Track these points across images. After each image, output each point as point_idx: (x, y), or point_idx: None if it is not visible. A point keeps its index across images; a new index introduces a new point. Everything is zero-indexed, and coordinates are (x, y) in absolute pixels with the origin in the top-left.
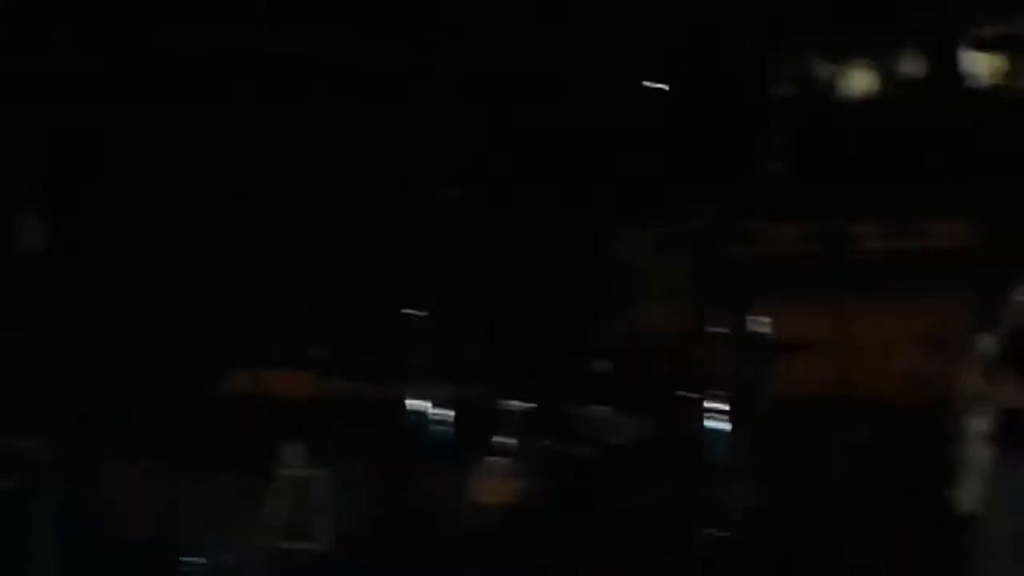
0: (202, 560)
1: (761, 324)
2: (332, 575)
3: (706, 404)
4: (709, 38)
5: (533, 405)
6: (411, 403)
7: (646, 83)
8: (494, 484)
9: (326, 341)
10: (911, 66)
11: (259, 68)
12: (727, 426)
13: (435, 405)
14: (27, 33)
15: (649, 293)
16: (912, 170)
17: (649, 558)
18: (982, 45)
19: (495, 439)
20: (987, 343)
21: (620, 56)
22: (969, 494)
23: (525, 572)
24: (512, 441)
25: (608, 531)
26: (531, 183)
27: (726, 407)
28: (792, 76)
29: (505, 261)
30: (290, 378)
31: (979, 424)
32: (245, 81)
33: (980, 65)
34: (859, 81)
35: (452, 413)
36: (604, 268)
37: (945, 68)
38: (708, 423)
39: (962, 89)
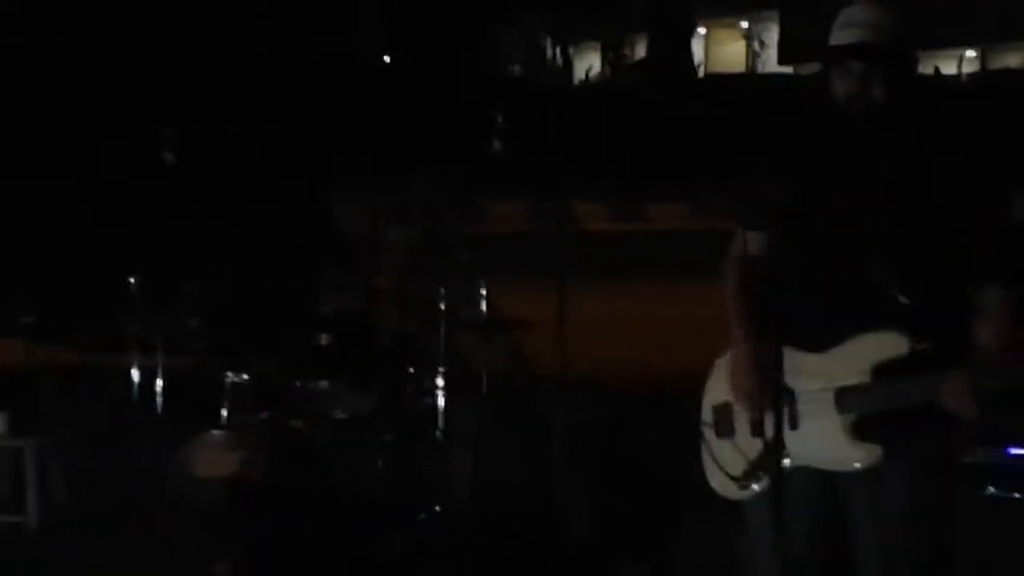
0: None
1: (482, 301)
2: (41, 549)
3: (427, 380)
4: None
5: (253, 377)
6: (126, 372)
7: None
8: (212, 457)
9: (35, 307)
10: (639, 51)
11: None
12: (447, 402)
13: (151, 375)
14: None
15: (372, 266)
16: (636, 153)
17: (370, 532)
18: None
19: (214, 411)
20: None
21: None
22: (717, 478)
23: (243, 546)
24: (231, 413)
25: (329, 506)
26: (252, 151)
27: (447, 383)
28: (520, 56)
29: (226, 228)
30: None
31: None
32: None
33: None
34: (587, 64)
35: (169, 383)
36: (327, 239)
37: (673, 54)
38: (429, 399)
39: (689, 76)
